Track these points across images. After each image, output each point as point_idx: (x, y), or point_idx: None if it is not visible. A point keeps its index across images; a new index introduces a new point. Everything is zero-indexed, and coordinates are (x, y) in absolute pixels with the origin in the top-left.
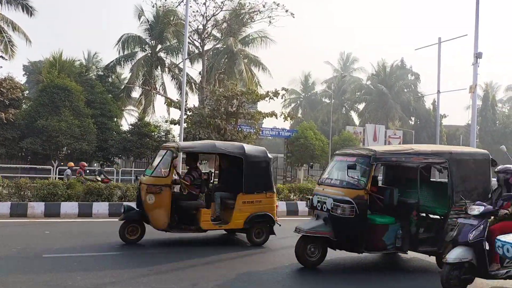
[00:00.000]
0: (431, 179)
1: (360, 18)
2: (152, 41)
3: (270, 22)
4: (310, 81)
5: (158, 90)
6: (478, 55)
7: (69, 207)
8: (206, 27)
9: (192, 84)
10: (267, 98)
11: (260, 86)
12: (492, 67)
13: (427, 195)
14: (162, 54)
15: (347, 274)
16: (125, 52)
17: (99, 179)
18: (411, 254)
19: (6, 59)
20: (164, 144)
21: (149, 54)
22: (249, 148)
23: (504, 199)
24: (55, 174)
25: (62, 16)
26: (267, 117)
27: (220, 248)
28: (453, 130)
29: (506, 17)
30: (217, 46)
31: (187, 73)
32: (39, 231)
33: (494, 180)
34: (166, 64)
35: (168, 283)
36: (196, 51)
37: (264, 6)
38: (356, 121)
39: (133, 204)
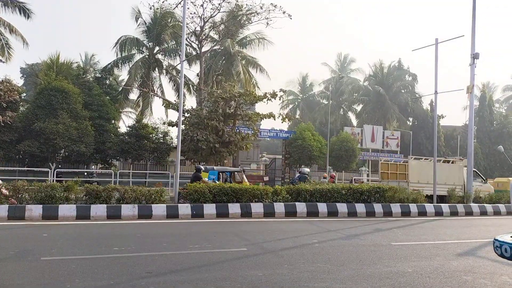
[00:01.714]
0: None
1: (358, 19)
2: (149, 43)
3: (267, 23)
4: (308, 82)
5: (156, 92)
6: (475, 56)
7: (67, 210)
8: (204, 29)
9: (190, 85)
10: (265, 100)
11: (257, 87)
12: (490, 67)
13: None
14: (159, 56)
15: (347, 271)
16: (123, 54)
17: None
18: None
19: (3, 62)
20: None
21: (147, 56)
22: None
23: None
24: (53, 177)
25: (59, 18)
26: (265, 118)
27: (219, 250)
28: (450, 130)
29: (503, 17)
30: (215, 47)
31: (184, 74)
32: (37, 234)
33: None
34: (164, 66)
35: (167, 285)
36: (194, 53)
37: (261, 8)
38: (354, 122)
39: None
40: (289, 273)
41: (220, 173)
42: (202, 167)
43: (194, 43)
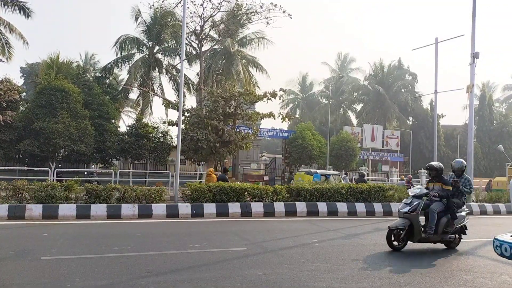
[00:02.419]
0: None
1: (358, 18)
2: (149, 43)
3: (267, 23)
4: (308, 82)
5: (155, 91)
6: (475, 55)
7: (67, 209)
8: (204, 28)
9: (190, 85)
10: (265, 99)
11: (257, 87)
12: (490, 66)
13: None
14: (159, 56)
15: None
16: (123, 54)
17: None
18: None
19: (3, 61)
20: None
21: (147, 56)
22: None
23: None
24: (53, 176)
25: (59, 18)
26: (265, 117)
27: (219, 249)
28: (450, 130)
29: (503, 17)
30: (215, 47)
31: (184, 74)
32: (37, 233)
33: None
34: (164, 66)
35: (167, 285)
36: (194, 52)
37: (261, 7)
38: (354, 121)
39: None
40: (289, 272)
41: (321, 176)
42: (364, 172)
43: (194, 42)
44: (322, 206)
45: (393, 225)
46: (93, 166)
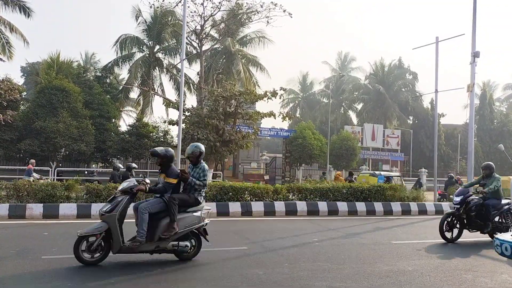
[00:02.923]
0: None
1: (358, 17)
2: (150, 42)
3: (267, 22)
4: (308, 81)
5: (156, 90)
6: (475, 54)
7: (68, 208)
8: (204, 28)
9: (190, 84)
10: (265, 98)
11: (258, 86)
12: (490, 66)
13: None
14: (160, 55)
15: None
16: (123, 53)
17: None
18: None
19: (4, 61)
20: None
21: (147, 55)
22: None
23: None
24: (54, 176)
25: (59, 17)
26: (266, 117)
27: (220, 249)
28: (451, 129)
29: (503, 16)
30: (215, 46)
31: (185, 73)
32: (38, 233)
33: None
34: (164, 65)
35: (167, 285)
36: (194, 52)
37: (261, 6)
38: (354, 120)
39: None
40: (290, 272)
41: (385, 177)
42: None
43: (195, 41)
44: (322, 206)
45: (83, 232)
46: (93, 166)
